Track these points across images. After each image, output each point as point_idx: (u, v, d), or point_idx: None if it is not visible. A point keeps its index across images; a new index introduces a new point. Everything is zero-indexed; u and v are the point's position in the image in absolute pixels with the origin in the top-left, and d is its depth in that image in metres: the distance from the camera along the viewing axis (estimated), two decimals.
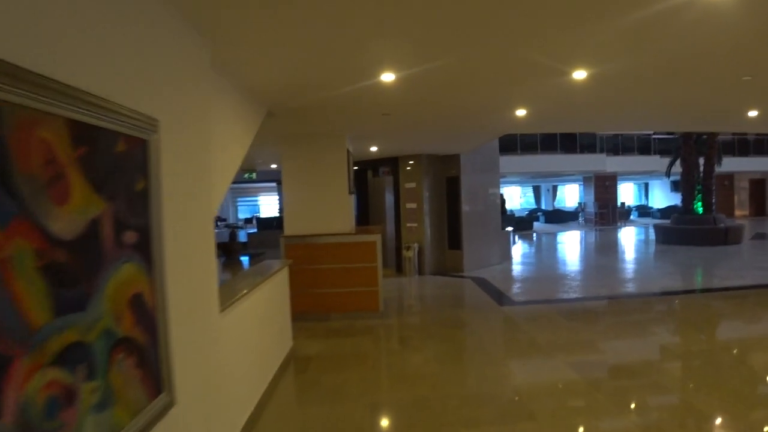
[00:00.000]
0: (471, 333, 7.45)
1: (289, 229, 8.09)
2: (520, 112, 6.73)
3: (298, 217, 8.11)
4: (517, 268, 13.38)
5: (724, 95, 6.28)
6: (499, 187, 14.07)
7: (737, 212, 30.15)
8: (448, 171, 12.57)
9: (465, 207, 12.43)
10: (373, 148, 10.73)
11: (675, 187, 32.85)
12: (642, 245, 18.56)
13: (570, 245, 20.01)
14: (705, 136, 18.94)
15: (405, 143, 10.38)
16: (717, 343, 6.83)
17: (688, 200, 18.95)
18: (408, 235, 12.38)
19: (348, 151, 8.37)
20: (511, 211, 25.43)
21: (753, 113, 7.54)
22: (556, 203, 34.43)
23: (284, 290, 6.26)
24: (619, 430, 4.21)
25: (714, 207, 19.10)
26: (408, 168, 12.40)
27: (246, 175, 17.02)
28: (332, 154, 8.12)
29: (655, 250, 16.63)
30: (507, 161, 19.36)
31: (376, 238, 7.96)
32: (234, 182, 5.15)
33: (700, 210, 18.82)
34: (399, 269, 12.52)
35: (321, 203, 8.10)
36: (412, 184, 12.34)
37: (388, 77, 4.53)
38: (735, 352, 6.25)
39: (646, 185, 36.46)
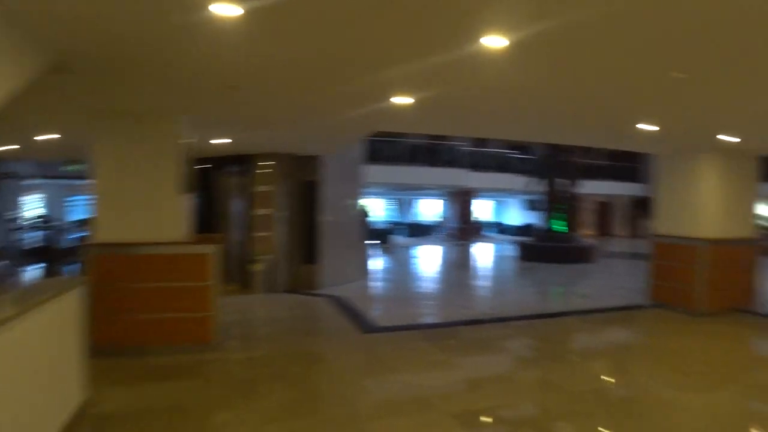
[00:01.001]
0: (330, 373, 6.04)
1: (100, 235, 6.19)
2: (399, 100, 5.49)
3: (113, 219, 6.18)
4: (377, 285, 12.17)
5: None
6: (361, 197, 12.80)
7: (585, 232, 31.45)
8: (307, 174, 11.10)
9: (324, 216, 11.02)
10: (223, 141, 9.00)
11: (530, 205, 33.81)
12: (506, 261, 18.18)
13: (432, 260, 19.32)
14: (566, 158, 19.23)
15: (260, 136, 8.79)
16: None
17: (548, 219, 19.11)
18: (259, 246, 10.73)
19: (184, 140, 6.64)
20: (374, 223, 24.45)
21: (643, 126, 6.94)
22: (417, 217, 34.07)
23: (70, 321, 4.38)
24: None
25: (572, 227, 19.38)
26: (263, 168, 10.78)
27: (70, 168, 14.47)
28: (161, 141, 6.32)
29: (520, 267, 16.30)
30: (370, 171, 18.46)
31: (211, 249, 6.29)
32: (62, 176, 3.39)
33: (559, 228, 19.03)
34: (245, 285, 10.83)
35: (144, 203, 6.24)
36: (267, 188, 10.73)
37: (229, 10, 3.01)
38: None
39: (502, 203, 37.25)
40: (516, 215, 35.54)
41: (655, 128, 7.09)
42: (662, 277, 9.58)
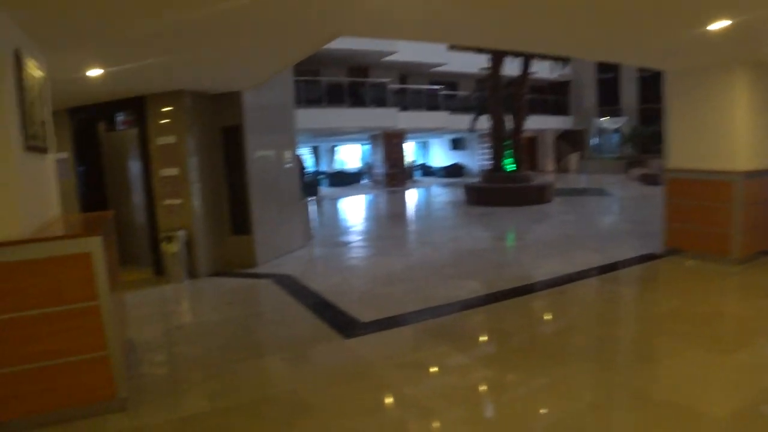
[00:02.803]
0: None
1: None
2: None
3: None
4: (327, 253, 9.65)
5: None
6: (296, 142, 10.13)
7: (544, 168, 30.52)
8: (225, 118, 8.35)
9: (253, 171, 8.37)
10: (95, 72, 6.07)
11: (455, 145, 31.92)
12: (453, 208, 16.00)
13: (372, 213, 16.90)
14: (512, 92, 17.37)
15: (149, 66, 5.97)
16: None
17: (497, 158, 17.09)
18: (168, 219, 7.97)
19: (25, 63, 3.86)
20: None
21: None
22: (338, 165, 31.41)
23: None
24: None
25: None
26: (162, 114, 7.92)
27: None
28: None
29: (475, 213, 14.19)
30: None
31: (95, 245, 3.62)
32: None
33: (510, 168, 17.16)
34: (159, 271, 8.11)
35: None
36: (170, 139, 7.89)
37: None
38: None
39: (425, 144, 35.21)
40: (441, 156, 33.65)
41: (726, 23, 4.95)
42: (681, 218, 7.66)
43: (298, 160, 10.28)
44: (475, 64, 22.47)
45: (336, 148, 31.64)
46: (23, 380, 3.50)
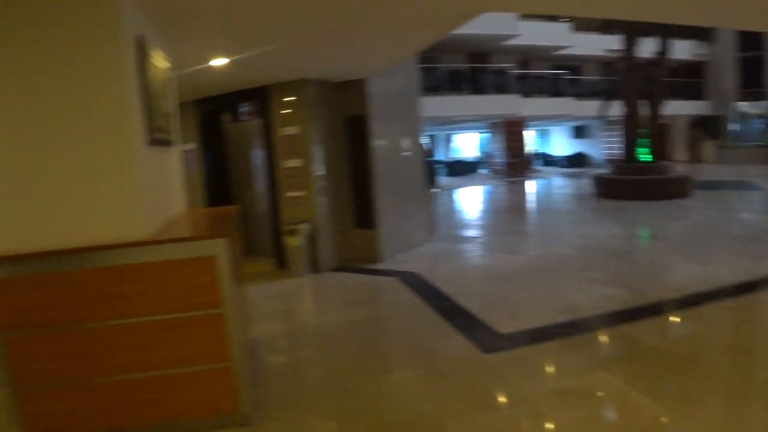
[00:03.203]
0: None
1: None
2: None
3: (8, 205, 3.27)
4: (454, 249, 9.11)
5: None
6: (420, 131, 9.65)
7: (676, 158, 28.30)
8: (349, 107, 8.02)
9: (377, 161, 7.99)
10: (219, 61, 5.89)
11: (577, 133, 30.28)
12: (584, 201, 14.93)
13: (495, 205, 16.13)
14: (648, 74, 15.82)
15: (275, 55, 5.71)
16: None
17: (629, 147, 15.74)
18: (291, 211, 7.77)
19: (148, 51, 3.63)
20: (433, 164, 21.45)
21: None
22: (456, 154, 30.74)
23: None
24: None
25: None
26: (285, 104, 7.71)
27: None
28: (91, 47, 3.24)
29: (606, 207, 13.11)
30: None
31: (220, 247, 3.31)
32: None
33: (644, 158, 15.78)
34: (281, 263, 7.95)
35: (64, 171, 3.23)
36: (294, 129, 7.67)
37: None
38: None
39: (545, 132, 33.70)
40: (561, 144, 32.03)
41: None
42: None
43: (423, 149, 9.79)
44: (601, 45, 21.01)
45: (453, 137, 30.96)
46: (142, 388, 3.26)
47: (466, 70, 21.79)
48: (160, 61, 4.00)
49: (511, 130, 23.32)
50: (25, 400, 3.14)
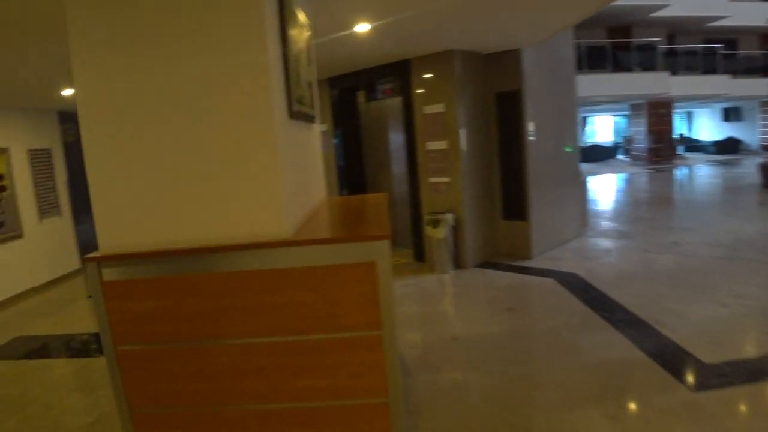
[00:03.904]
0: None
1: (111, 236, 2.53)
2: None
3: (135, 197, 2.45)
4: (610, 245, 7.91)
5: None
6: (576, 112, 8.49)
7: None
8: (499, 83, 7.08)
9: (532, 144, 7.00)
10: (362, 27, 5.14)
11: (727, 116, 27.31)
12: (748, 193, 13.01)
13: (645, 195, 14.47)
14: None
15: (422, 18, 4.88)
16: None
17: None
18: (434, 199, 6.97)
19: (287, 16, 2.91)
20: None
21: None
22: (591, 138, 28.75)
23: None
24: None
25: None
26: (429, 80, 6.89)
27: None
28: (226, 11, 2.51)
29: None
30: None
31: (380, 251, 2.51)
32: None
33: None
34: (419, 256, 7.19)
35: (204, 154, 2.40)
36: (438, 108, 6.83)
37: None
38: None
39: (689, 115, 30.77)
40: (708, 128, 29.05)
41: None
42: None
43: (575, 133, 8.62)
44: (764, 14, 18.49)
45: (587, 120, 28.97)
46: (277, 421, 2.55)
47: (607, 46, 19.96)
48: (302, 20, 3.29)
49: (655, 112, 21.25)
50: (141, 424, 2.54)
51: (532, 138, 6.95)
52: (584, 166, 21.44)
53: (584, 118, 28.64)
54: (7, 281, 7.46)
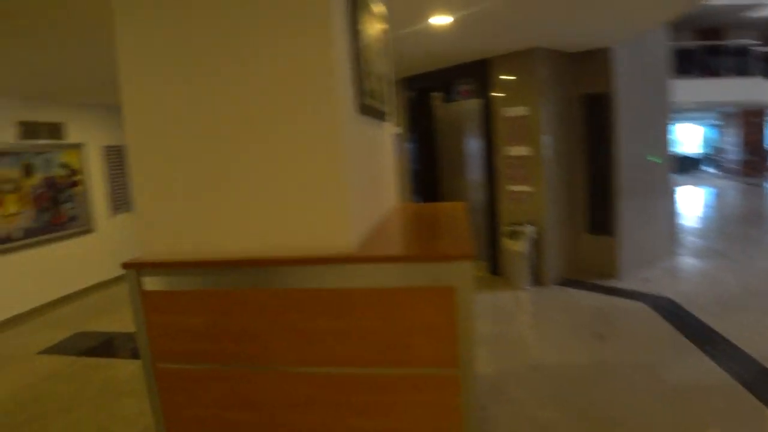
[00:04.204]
0: None
1: (153, 241, 2.20)
2: None
3: (181, 199, 2.13)
4: (708, 267, 7.12)
5: None
6: (669, 118, 7.76)
7: None
8: (587, 84, 6.50)
9: (623, 152, 6.38)
10: (441, 20, 4.70)
11: None
12: None
13: (740, 211, 13.39)
14: None
15: (506, 12, 4.41)
16: None
17: None
18: (512, 208, 6.45)
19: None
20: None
21: None
22: (676, 148, 27.26)
23: None
24: None
25: None
26: (510, 80, 6.39)
27: None
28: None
29: None
30: None
31: (458, 272, 2.06)
32: None
33: None
34: (494, 269, 6.68)
35: (264, 155, 2.03)
36: (520, 110, 6.31)
37: None
38: None
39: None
40: None
41: None
42: None
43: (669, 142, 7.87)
44: None
45: (671, 129, 27.46)
46: None
47: (695, 49, 18.67)
48: (376, 5, 2.90)
49: (750, 121, 19.85)
50: None
51: (621, 145, 6.33)
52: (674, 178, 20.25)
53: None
54: (76, 275, 7.54)
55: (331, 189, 2.08)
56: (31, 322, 6.57)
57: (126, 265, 2.18)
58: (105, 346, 5.51)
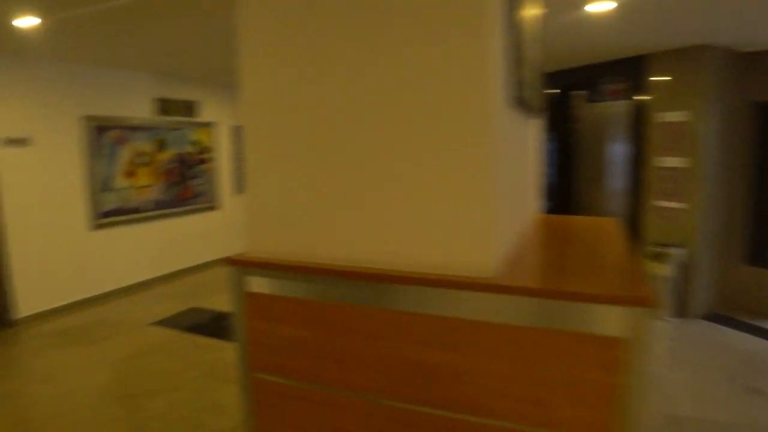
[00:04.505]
0: None
1: (262, 236, 1.92)
2: None
3: (299, 194, 1.81)
4: None
5: None
6: None
7: None
8: (759, 90, 5.64)
9: None
10: (600, 6, 4.13)
11: None
12: None
13: None
14: None
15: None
16: None
17: None
18: (659, 226, 5.73)
19: None
20: None
21: None
22: None
23: None
24: None
25: None
26: (669, 81, 5.65)
27: None
28: None
29: None
30: None
31: (629, 319, 1.58)
32: None
33: None
34: None
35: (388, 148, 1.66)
36: (680, 116, 5.56)
37: None
38: None
39: None
40: None
41: None
42: None
43: None
44: None
45: None
46: None
47: None
48: None
49: None
50: None
51: None
52: None
53: None
54: (198, 249, 7.74)
55: (475, 198, 1.65)
56: (148, 291, 6.73)
57: (230, 261, 1.91)
58: (216, 326, 5.49)
